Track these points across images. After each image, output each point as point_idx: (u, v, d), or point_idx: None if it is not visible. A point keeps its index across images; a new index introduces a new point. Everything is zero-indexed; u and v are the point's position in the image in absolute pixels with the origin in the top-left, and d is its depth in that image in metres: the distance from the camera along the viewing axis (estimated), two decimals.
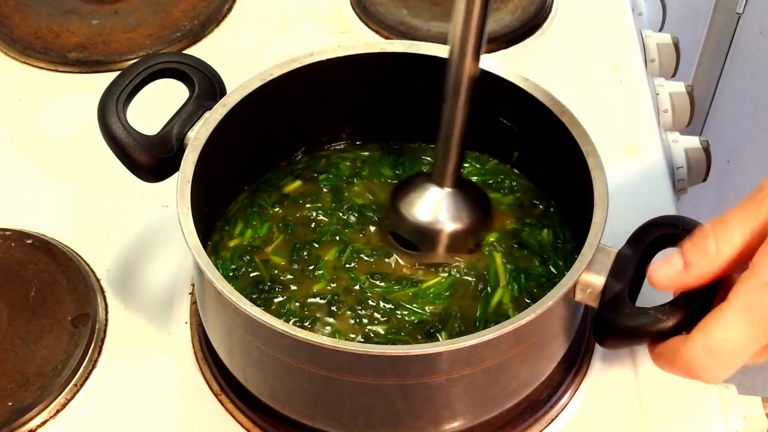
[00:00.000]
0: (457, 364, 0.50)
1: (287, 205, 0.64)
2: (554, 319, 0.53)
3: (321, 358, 0.50)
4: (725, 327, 0.47)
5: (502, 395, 0.56)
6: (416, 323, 0.58)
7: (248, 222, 0.64)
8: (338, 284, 0.60)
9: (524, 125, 0.63)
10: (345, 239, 0.62)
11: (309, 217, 0.63)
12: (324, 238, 0.62)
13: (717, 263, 0.48)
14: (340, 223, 0.63)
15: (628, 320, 0.50)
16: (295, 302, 0.59)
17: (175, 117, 0.59)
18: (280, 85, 0.61)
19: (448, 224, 0.60)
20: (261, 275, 0.60)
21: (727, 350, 0.47)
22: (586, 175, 0.56)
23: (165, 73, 0.61)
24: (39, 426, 0.60)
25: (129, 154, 0.58)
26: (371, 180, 0.66)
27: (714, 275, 0.49)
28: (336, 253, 0.61)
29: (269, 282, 0.60)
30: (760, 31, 1.35)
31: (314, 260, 0.61)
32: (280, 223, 0.63)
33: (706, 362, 0.47)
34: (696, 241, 0.49)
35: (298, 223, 0.63)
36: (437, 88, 0.58)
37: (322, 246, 0.62)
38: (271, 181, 0.66)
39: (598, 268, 0.52)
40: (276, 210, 0.64)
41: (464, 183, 0.62)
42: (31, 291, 0.66)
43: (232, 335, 0.56)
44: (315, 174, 0.66)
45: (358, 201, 0.65)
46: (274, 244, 0.62)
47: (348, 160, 0.67)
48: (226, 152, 0.59)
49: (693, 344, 0.47)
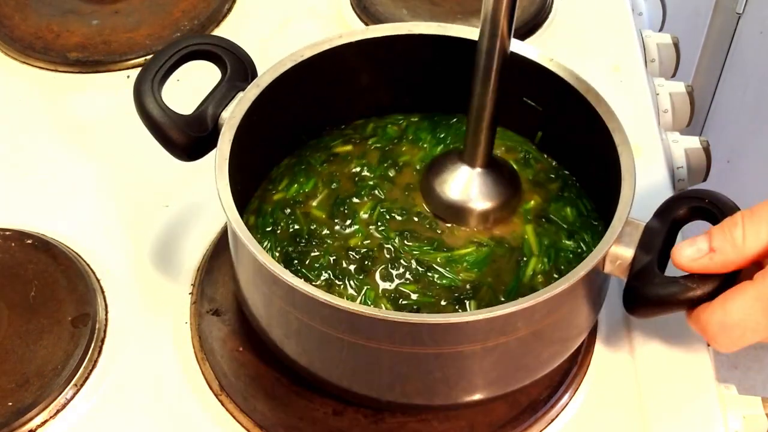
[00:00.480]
0: (493, 333, 0.52)
1: (335, 162, 0.66)
2: (584, 290, 0.55)
3: (360, 327, 0.52)
4: (742, 310, 0.49)
5: (534, 364, 0.57)
6: (447, 287, 0.58)
7: (294, 178, 0.65)
8: (372, 241, 0.61)
9: (548, 105, 0.64)
10: (381, 196, 0.63)
11: (354, 173, 0.65)
12: (363, 191, 0.63)
13: (741, 254, 0.50)
14: (380, 177, 0.64)
15: (658, 289, 0.52)
16: (330, 256, 0.60)
17: (209, 97, 0.60)
18: (311, 66, 0.62)
19: (479, 203, 0.61)
20: (300, 228, 0.61)
21: (739, 329, 0.50)
22: (611, 152, 0.57)
23: (198, 55, 0.62)
24: (39, 426, 0.60)
25: (165, 133, 0.59)
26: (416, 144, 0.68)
27: (736, 265, 0.50)
28: (369, 209, 0.62)
29: (307, 236, 0.61)
30: (760, 31, 1.35)
31: (351, 215, 0.62)
32: (325, 179, 0.65)
33: (719, 334, 0.51)
34: (725, 229, 0.51)
35: (343, 178, 0.65)
36: (463, 69, 0.59)
37: (360, 200, 0.63)
38: (321, 144, 0.68)
39: (627, 241, 0.54)
40: (324, 167, 0.66)
41: (494, 162, 0.62)
42: (31, 291, 0.66)
43: (271, 308, 0.57)
44: (364, 138, 0.68)
45: (404, 158, 0.66)
46: (318, 198, 0.63)
47: (395, 125, 0.69)
48: (258, 131, 0.60)
49: (712, 316, 0.50)
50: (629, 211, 0.54)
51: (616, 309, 0.64)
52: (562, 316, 0.54)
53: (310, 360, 0.57)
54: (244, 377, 0.62)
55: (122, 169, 0.77)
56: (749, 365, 1.69)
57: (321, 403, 0.61)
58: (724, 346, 0.52)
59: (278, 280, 0.51)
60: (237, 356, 0.63)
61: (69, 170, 0.77)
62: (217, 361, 0.63)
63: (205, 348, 0.63)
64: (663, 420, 0.60)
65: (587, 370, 0.63)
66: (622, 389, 0.62)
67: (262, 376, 0.62)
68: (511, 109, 0.64)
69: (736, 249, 0.50)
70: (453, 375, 0.55)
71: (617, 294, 0.62)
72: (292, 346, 0.57)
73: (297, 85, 0.62)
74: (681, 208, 0.55)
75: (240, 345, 0.64)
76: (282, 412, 0.60)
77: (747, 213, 0.51)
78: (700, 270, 0.51)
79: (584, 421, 0.61)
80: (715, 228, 0.51)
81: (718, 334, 0.51)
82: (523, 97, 0.65)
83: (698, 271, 0.51)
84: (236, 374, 0.62)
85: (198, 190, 0.73)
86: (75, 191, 0.75)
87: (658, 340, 0.64)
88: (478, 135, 0.60)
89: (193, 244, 0.70)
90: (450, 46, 0.64)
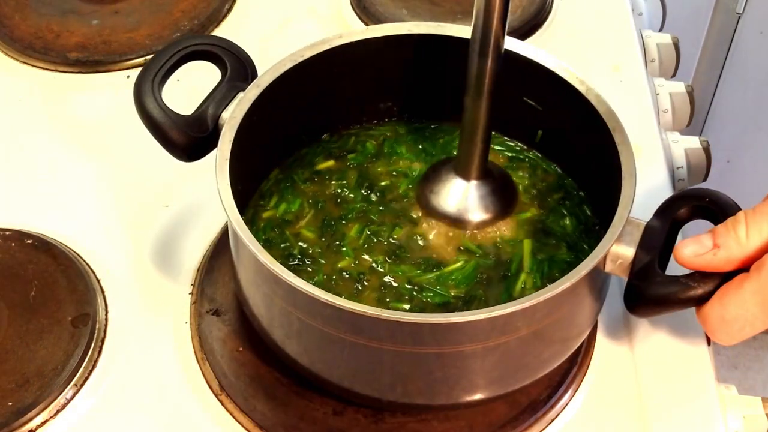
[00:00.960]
0: (494, 333, 0.52)
1: (317, 182, 0.66)
2: (585, 290, 0.55)
3: (362, 327, 0.52)
4: (740, 305, 0.50)
5: (535, 364, 0.57)
6: (440, 304, 0.59)
7: (283, 196, 0.65)
8: (361, 263, 0.61)
9: (548, 105, 0.64)
10: (370, 218, 0.63)
11: (336, 194, 0.65)
12: (349, 215, 0.63)
13: (745, 251, 0.50)
14: (363, 201, 0.64)
15: (659, 288, 0.52)
16: (323, 275, 0.60)
17: (209, 98, 0.60)
18: (311, 66, 0.62)
19: (475, 215, 0.61)
20: (291, 246, 0.61)
21: (737, 323, 0.51)
22: (611, 152, 0.57)
23: (198, 55, 0.62)
24: (39, 426, 0.60)
25: (165, 133, 0.59)
26: (393, 159, 0.67)
27: (739, 263, 0.51)
28: (356, 232, 0.62)
29: (299, 255, 0.61)
30: (760, 31, 1.35)
31: (340, 237, 0.62)
32: (310, 200, 0.64)
33: (718, 328, 0.51)
34: (729, 226, 0.51)
35: (327, 200, 0.64)
36: (462, 69, 0.58)
37: (348, 223, 0.63)
38: (306, 159, 0.67)
39: (628, 240, 0.54)
40: (307, 186, 0.65)
41: (489, 172, 0.62)
42: (31, 291, 0.66)
43: (272, 308, 0.57)
44: (345, 152, 0.68)
45: (381, 182, 0.66)
46: (305, 219, 0.63)
47: (373, 138, 0.69)
48: (258, 131, 0.60)
49: (711, 311, 0.51)
50: (630, 211, 0.54)
51: (616, 309, 0.65)
52: (562, 316, 0.55)
53: (311, 360, 0.57)
54: (244, 377, 0.62)
55: (122, 169, 0.77)
56: (749, 365, 1.69)
57: (321, 403, 0.61)
58: (724, 339, 0.52)
59: (279, 280, 0.51)
60: (237, 356, 0.63)
61: (69, 170, 0.77)
62: (217, 361, 0.63)
63: (205, 348, 0.63)
64: (663, 420, 0.60)
65: (587, 370, 0.63)
66: (622, 389, 0.62)
67: (262, 376, 0.62)
68: (511, 109, 0.64)
69: (740, 246, 0.50)
70: (454, 375, 0.55)
71: (617, 294, 0.62)
72: (293, 346, 0.57)
73: (297, 85, 0.62)
74: (681, 207, 0.55)
75: (240, 345, 0.64)
76: (282, 412, 0.60)
77: (750, 211, 0.51)
78: (703, 267, 0.51)
79: (584, 421, 0.61)
80: (718, 226, 0.52)
81: (718, 329, 0.51)
82: (523, 96, 0.65)
83: (701, 267, 0.51)
84: (236, 374, 0.62)
85: (198, 190, 0.73)
86: (75, 191, 0.75)
87: (659, 340, 0.64)
88: (471, 146, 0.60)
89: (193, 244, 0.70)
90: (450, 46, 0.63)
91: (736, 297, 0.50)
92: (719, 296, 0.51)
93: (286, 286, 0.51)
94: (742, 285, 0.50)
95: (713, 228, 0.52)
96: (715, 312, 0.51)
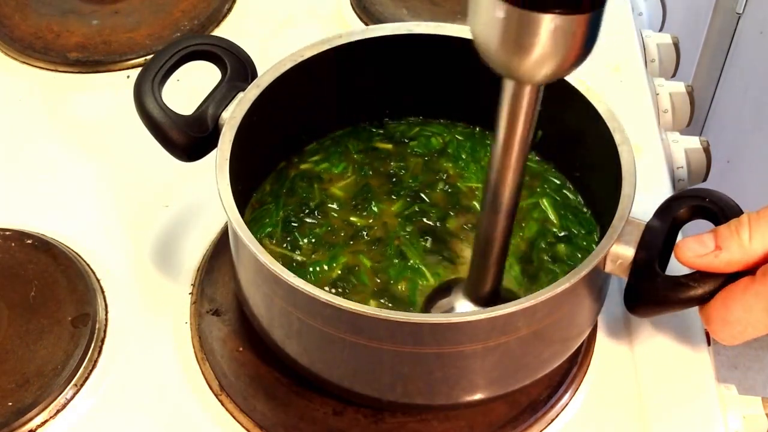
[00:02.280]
0: (494, 332, 0.52)
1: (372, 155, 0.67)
2: (585, 290, 0.55)
3: (362, 327, 0.52)
4: (744, 308, 0.50)
5: (535, 364, 0.57)
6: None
7: (328, 157, 0.67)
8: (387, 229, 0.63)
9: (548, 104, 0.64)
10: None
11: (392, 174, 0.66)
12: (401, 192, 0.65)
13: (747, 254, 0.50)
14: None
15: (659, 288, 0.52)
16: (328, 227, 0.61)
17: (209, 98, 0.60)
18: (311, 66, 0.62)
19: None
20: (311, 198, 0.64)
21: (740, 325, 0.51)
22: (611, 152, 0.57)
23: (198, 55, 0.62)
24: (39, 426, 0.60)
25: (165, 133, 0.59)
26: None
27: (740, 266, 0.50)
28: (400, 208, 0.64)
29: (315, 207, 0.63)
30: (760, 31, 1.35)
31: (373, 204, 0.64)
32: (356, 165, 0.67)
33: (720, 329, 0.52)
34: (732, 228, 0.51)
35: (375, 173, 0.67)
36: (464, 69, 0.58)
37: (395, 197, 0.65)
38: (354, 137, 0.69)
39: (628, 240, 0.54)
40: (360, 156, 0.67)
41: (501, 298, 0.56)
42: (31, 291, 0.66)
43: (272, 308, 0.57)
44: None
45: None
46: (344, 181, 0.66)
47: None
48: (258, 131, 0.60)
49: (714, 311, 0.51)
50: (630, 211, 0.54)
51: (616, 309, 0.65)
52: (562, 316, 0.55)
53: (311, 360, 0.57)
54: (244, 377, 0.62)
55: (122, 169, 0.77)
56: (749, 365, 1.69)
57: (321, 403, 0.61)
58: (726, 340, 0.52)
59: (279, 280, 0.51)
60: (237, 356, 0.63)
61: (69, 170, 0.77)
62: (217, 361, 0.63)
63: (205, 348, 0.63)
64: (663, 420, 0.60)
65: (587, 370, 0.63)
66: (622, 389, 0.62)
67: (262, 376, 0.62)
68: None
69: (742, 249, 0.50)
70: (454, 375, 0.55)
71: (617, 294, 0.62)
72: (293, 346, 0.57)
73: (297, 85, 0.62)
74: (681, 207, 0.55)
75: (240, 345, 0.64)
76: (282, 412, 0.60)
77: (754, 215, 0.51)
78: (704, 267, 0.51)
79: (584, 421, 0.61)
80: (721, 227, 0.51)
81: (720, 329, 0.51)
82: None
83: (702, 268, 0.51)
84: (236, 374, 0.62)
85: (198, 190, 0.73)
86: (75, 191, 0.75)
87: (659, 340, 0.64)
88: (484, 272, 0.55)
89: (193, 244, 0.70)
90: (450, 47, 0.63)
91: (740, 300, 0.50)
92: (723, 297, 0.51)
93: (286, 286, 0.51)
94: (747, 289, 0.49)
95: (715, 228, 0.52)
96: (718, 313, 0.51)
